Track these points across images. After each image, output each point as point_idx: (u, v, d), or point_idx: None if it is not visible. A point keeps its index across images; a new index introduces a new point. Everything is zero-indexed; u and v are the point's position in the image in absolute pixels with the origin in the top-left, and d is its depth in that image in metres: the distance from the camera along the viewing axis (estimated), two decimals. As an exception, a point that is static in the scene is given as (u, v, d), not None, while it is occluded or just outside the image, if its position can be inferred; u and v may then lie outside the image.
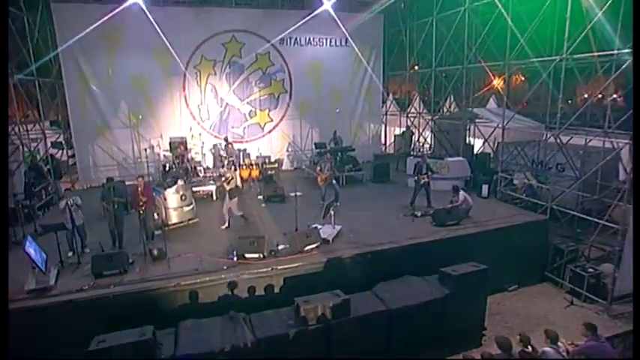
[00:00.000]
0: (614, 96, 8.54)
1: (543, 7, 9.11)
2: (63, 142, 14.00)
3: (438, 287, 7.21)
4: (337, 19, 13.80)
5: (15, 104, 10.59)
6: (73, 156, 14.12)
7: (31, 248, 6.64)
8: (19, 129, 10.80)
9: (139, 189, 8.20)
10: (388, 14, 16.19)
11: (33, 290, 6.51)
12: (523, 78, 25.16)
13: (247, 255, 7.67)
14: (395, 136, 17.96)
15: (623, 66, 7.61)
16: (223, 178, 9.65)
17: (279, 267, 7.45)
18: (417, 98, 17.61)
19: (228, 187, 9.33)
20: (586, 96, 10.23)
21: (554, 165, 10.81)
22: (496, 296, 8.87)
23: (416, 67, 16.99)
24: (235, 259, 7.62)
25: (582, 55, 8.48)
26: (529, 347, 5.37)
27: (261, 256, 7.67)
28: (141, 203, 8.12)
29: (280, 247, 8.10)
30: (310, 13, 13.63)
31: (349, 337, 6.26)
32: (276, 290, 7.30)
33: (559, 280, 9.22)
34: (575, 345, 5.56)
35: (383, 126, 18.25)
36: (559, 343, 5.45)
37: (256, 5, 14.74)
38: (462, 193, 9.62)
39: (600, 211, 9.25)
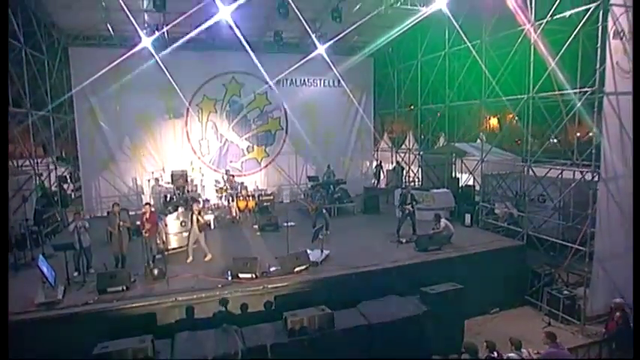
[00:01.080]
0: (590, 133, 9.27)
1: (510, 54, 10.19)
2: (67, 176, 14.76)
3: (417, 305, 7.77)
4: (330, 62, 14.84)
5: (31, 138, 11.42)
6: (78, 189, 14.84)
7: (43, 265, 7.25)
8: (31, 161, 11.62)
9: (145, 215, 8.89)
10: (378, 57, 17.47)
11: (42, 303, 7.08)
12: (517, 118, 26.36)
13: (241, 275, 8.25)
14: (387, 170, 18.79)
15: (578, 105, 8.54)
16: (197, 210, 9.50)
17: (270, 286, 8.03)
18: (409, 135, 18.57)
19: (201, 221, 9.42)
20: (578, 134, 11.11)
21: (536, 196, 11.57)
22: (478, 318, 9.35)
23: (412, 107, 18.05)
24: (230, 278, 8.20)
25: (546, 94, 9.42)
26: (494, 352, 5.90)
27: (254, 276, 8.25)
28: (146, 228, 8.78)
29: (272, 269, 8.67)
30: (305, 57, 14.73)
31: (333, 348, 6.75)
32: (267, 307, 7.81)
33: (538, 302, 9.71)
34: (538, 352, 6.08)
35: (375, 161, 19.14)
36: (522, 350, 5.98)
37: (255, 49, 15.92)
38: (443, 220, 10.30)
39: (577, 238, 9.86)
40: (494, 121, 18.99)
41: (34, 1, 10.74)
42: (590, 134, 9.22)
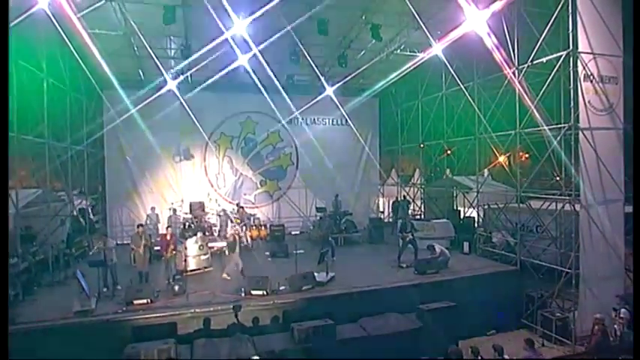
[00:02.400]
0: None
1: (499, 94, 11.31)
2: (87, 208, 15.85)
3: (413, 321, 8.48)
4: (338, 102, 16.09)
5: (69, 170, 12.62)
6: (97, 221, 15.94)
7: (80, 278, 8.24)
8: (67, 190, 12.85)
9: (167, 238, 9.90)
10: (382, 98, 18.77)
11: (78, 312, 7.98)
12: (527, 155, 27.05)
13: (253, 292, 9.08)
14: (392, 203, 19.61)
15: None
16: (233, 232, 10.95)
17: (279, 301, 8.83)
18: (417, 170, 19.46)
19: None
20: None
21: (534, 227, 12.26)
22: (474, 339, 9.80)
23: (422, 144, 18.97)
24: (243, 294, 9.02)
25: (530, 129, 10.40)
26: (479, 357, 6.56)
27: (265, 292, 9.06)
28: (168, 249, 9.77)
29: (281, 287, 9.48)
30: (315, 98, 15.98)
31: (335, 355, 7.45)
32: (276, 320, 8.57)
33: (533, 325, 10.20)
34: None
35: (381, 195, 20.04)
36: (505, 356, 6.64)
37: (269, 91, 17.40)
38: (437, 247, 11.07)
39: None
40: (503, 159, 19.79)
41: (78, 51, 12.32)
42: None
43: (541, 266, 10.73)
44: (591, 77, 9.11)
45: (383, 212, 19.63)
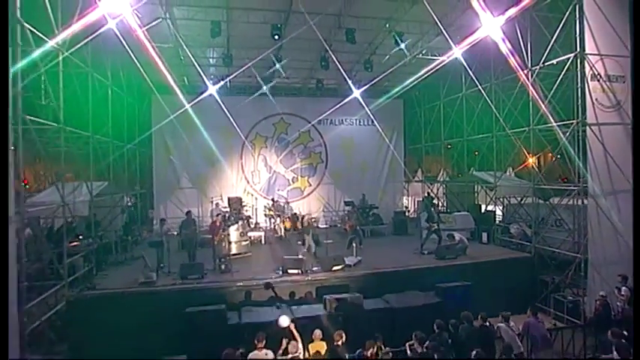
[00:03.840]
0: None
1: (514, 93, 12.16)
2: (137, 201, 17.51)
3: (432, 297, 9.48)
4: (364, 104, 17.15)
5: (125, 166, 14.30)
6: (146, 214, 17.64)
7: (145, 255, 9.74)
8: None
9: (217, 224, 11.31)
10: (407, 99, 19.74)
11: (143, 282, 9.46)
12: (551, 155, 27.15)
13: (290, 270, 10.32)
14: (417, 201, 20.52)
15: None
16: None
17: (312, 279, 10.03)
18: (441, 170, 20.29)
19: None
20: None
21: (552, 221, 12.98)
22: (490, 319, 10.75)
23: (449, 145, 19.73)
24: (281, 272, 10.28)
25: (543, 126, 11.21)
26: (487, 322, 7.52)
27: (300, 271, 10.29)
28: (217, 234, 11.16)
29: (314, 268, 10.68)
30: (342, 100, 17.12)
31: (362, 323, 8.53)
32: (310, 295, 9.76)
33: (546, 308, 10.96)
34: (523, 324, 7.66)
35: (406, 193, 20.99)
36: (510, 322, 7.58)
37: (300, 94, 18.75)
38: (457, 235, 11.99)
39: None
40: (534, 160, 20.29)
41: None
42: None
43: (555, 254, 11.51)
44: (598, 77, 9.89)
45: (408, 209, 20.53)
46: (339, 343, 6.72)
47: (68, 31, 8.55)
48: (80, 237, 11.51)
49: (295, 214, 16.77)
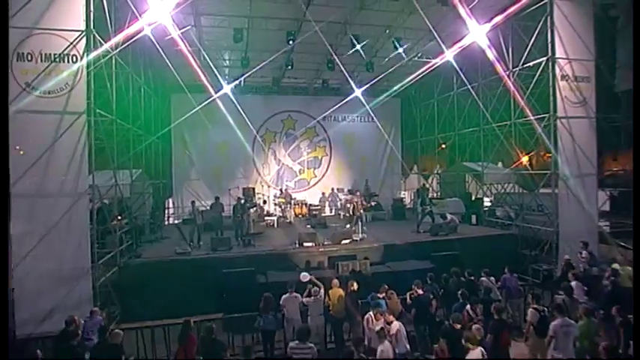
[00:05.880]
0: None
1: (498, 91, 13.90)
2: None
3: (427, 263, 11.16)
4: (365, 102, 18.75)
5: (153, 158, 15.89)
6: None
7: (180, 229, 11.36)
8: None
9: (239, 204, 12.94)
10: (404, 97, 21.42)
11: (179, 253, 11.10)
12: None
13: (305, 243, 11.98)
14: (413, 192, 22.17)
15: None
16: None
17: (325, 249, 11.70)
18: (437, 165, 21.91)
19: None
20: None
21: (536, 206, 14.69)
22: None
23: (444, 145, 21.23)
24: (297, 245, 11.94)
25: (523, 119, 12.91)
26: (472, 277, 9.21)
27: (314, 244, 11.95)
28: (239, 213, 12.81)
29: (326, 242, 12.35)
30: (345, 98, 18.69)
31: (367, 283, 10.18)
32: (323, 263, 11.41)
33: (525, 277, 12.62)
34: (501, 279, 9.38)
35: (403, 186, 22.69)
36: (491, 277, 9.28)
37: (306, 93, 20.40)
38: (449, 215, 13.70)
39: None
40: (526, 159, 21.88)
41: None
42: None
43: (534, 232, 13.19)
44: (567, 77, 11.64)
45: (404, 200, 22.23)
46: (353, 288, 8.38)
47: (120, 36, 10.15)
48: (119, 217, 13.08)
49: (304, 201, 18.40)
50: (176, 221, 18.23)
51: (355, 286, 8.45)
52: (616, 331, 6.47)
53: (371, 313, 7.21)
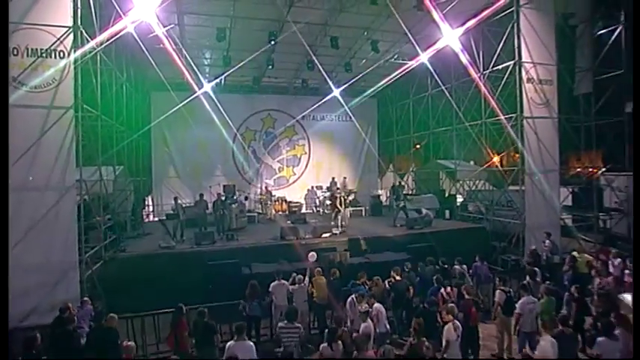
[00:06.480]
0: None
1: (470, 92, 14.69)
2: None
3: (403, 255, 11.76)
4: (343, 102, 19.24)
5: (134, 154, 15.92)
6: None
7: (165, 224, 11.56)
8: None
9: (219, 200, 13.22)
10: (381, 98, 22.07)
11: (164, 247, 11.31)
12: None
13: (286, 237, 12.38)
14: (389, 189, 22.87)
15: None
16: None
17: (306, 243, 12.13)
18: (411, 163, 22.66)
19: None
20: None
21: (505, 202, 15.56)
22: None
23: (418, 146, 21.98)
24: (280, 238, 12.33)
25: (493, 119, 13.72)
26: (446, 265, 9.85)
27: (296, 237, 12.36)
28: (220, 209, 13.10)
29: (307, 236, 12.79)
30: (324, 98, 19.16)
31: (348, 274, 10.67)
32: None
33: (495, 267, 13.42)
34: (473, 267, 10.05)
35: (380, 184, 23.36)
36: (463, 265, 9.93)
37: (286, 92, 20.78)
38: (424, 210, 14.38)
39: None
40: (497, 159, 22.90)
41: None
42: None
43: (503, 226, 14.03)
44: (532, 80, 12.50)
45: (381, 197, 22.91)
46: (336, 276, 8.87)
47: (105, 34, 10.30)
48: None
49: (284, 198, 18.78)
50: (156, 219, 18.35)
51: (336, 274, 8.94)
52: (571, 306, 7.25)
53: (353, 296, 7.71)
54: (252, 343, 5.89)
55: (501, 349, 7.70)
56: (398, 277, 8.76)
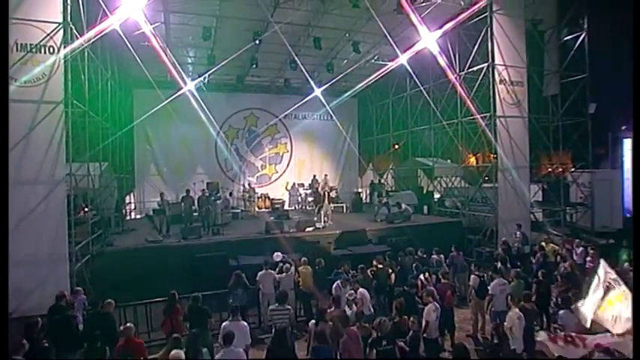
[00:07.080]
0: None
1: (447, 92, 15.39)
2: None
3: (383, 247, 12.30)
4: (324, 101, 19.70)
5: (119, 151, 15.95)
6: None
7: (152, 219, 11.76)
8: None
9: (204, 197, 13.47)
10: (361, 97, 22.65)
11: (151, 241, 11.50)
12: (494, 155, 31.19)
13: (272, 231, 12.75)
14: (367, 187, 23.46)
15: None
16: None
17: (290, 236, 12.52)
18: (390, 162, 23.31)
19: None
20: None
21: (480, 198, 16.31)
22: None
23: (396, 146, 22.65)
24: (265, 232, 12.69)
25: (468, 118, 14.43)
26: (424, 255, 10.42)
27: (280, 231, 12.74)
28: (206, 206, 13.35)
29: (291, 230, 13.18)
30: (305, 97, 19.57)
31: (332, 263, 11.13)
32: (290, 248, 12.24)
33: (470, 258, 14.08)
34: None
35: (360, 182, 23.93)
36: (441, 255, 10.53)
37: (269, 91, 21.10)
38: (403, 205, 14.99)
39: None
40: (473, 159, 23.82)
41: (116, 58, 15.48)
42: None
43: (478, 220, 14.77)
44: (504, 81, 13.25)
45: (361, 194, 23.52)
46: (320, 265, 9.32)
47: (93, 31, 10.44)
48: (86, 209, 13.18)
49: (267, 195, 19.13)
50: (138, 216, 18.41)
51: (322, 264, 9.39)
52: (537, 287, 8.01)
53: (338, 281, 8.17)
54: (245, 323, 6.25)
55: (476, 329, 8.34)
56: (380, 265, 9.26)
